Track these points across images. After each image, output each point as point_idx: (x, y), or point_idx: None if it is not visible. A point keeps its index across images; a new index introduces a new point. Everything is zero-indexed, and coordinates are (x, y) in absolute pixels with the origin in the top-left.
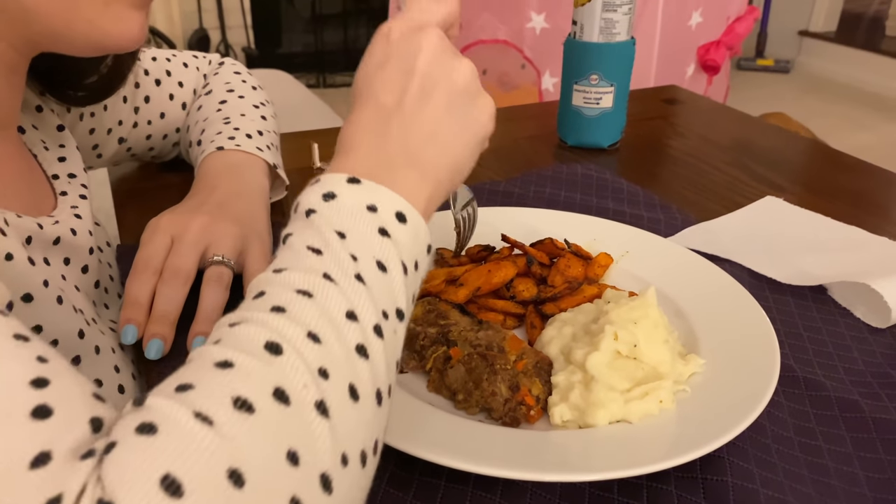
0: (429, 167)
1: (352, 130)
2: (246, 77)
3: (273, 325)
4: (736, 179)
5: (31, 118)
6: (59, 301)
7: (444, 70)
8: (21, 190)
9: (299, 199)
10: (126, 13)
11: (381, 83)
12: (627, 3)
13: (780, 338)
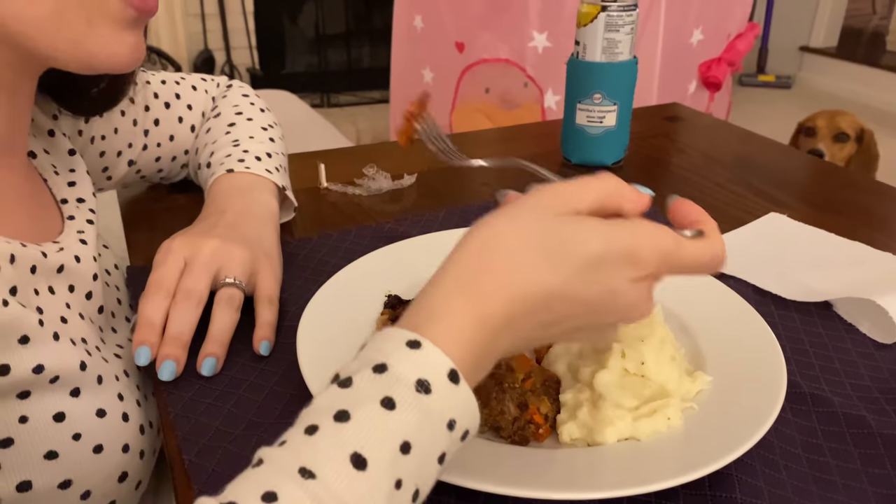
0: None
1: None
2: (254, 99)
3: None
4: (739, 196)
5: (42, 143)
6: (56, 338)
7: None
8: (28, 216)
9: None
10: (113, 35)
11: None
12: (629, 23)
13: (787, 354)
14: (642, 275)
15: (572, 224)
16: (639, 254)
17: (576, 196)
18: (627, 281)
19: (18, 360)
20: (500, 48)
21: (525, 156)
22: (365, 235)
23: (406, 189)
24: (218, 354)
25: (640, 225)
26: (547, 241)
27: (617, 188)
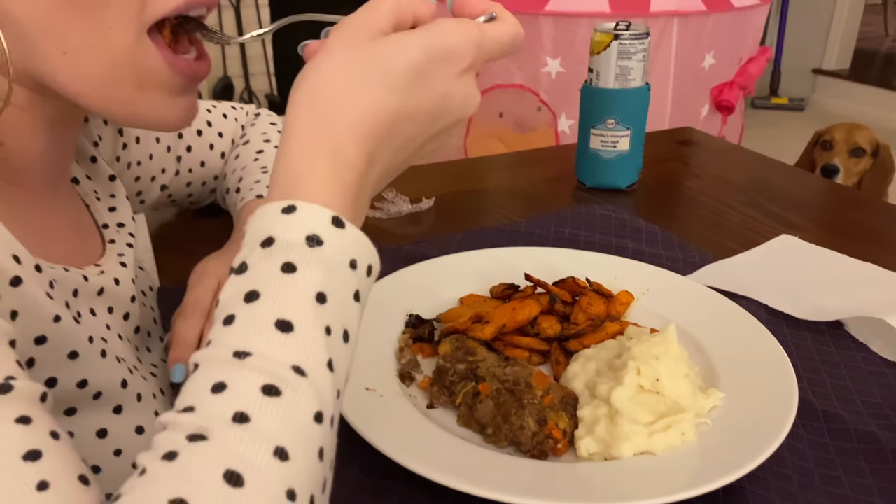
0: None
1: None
2: (281, 127)
3: (235, 450)
4: (751, 218)
5: (85, 168)
6: (103, 355)
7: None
8: (71, 240)
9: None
10: (162, 100)
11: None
12: (642, 50)
13: (799, 372)
14: (463, 67)
15: (385, 43)
16: (455, 49)
17: (372, 18)
18: (453, 78)
19: (65, 375)
20: (515, 74)
21: (540, 179)
22: (385, 257)
23: (424, 212)
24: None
25: (444, 23)
26: (370, 67)
27: (408, 3)
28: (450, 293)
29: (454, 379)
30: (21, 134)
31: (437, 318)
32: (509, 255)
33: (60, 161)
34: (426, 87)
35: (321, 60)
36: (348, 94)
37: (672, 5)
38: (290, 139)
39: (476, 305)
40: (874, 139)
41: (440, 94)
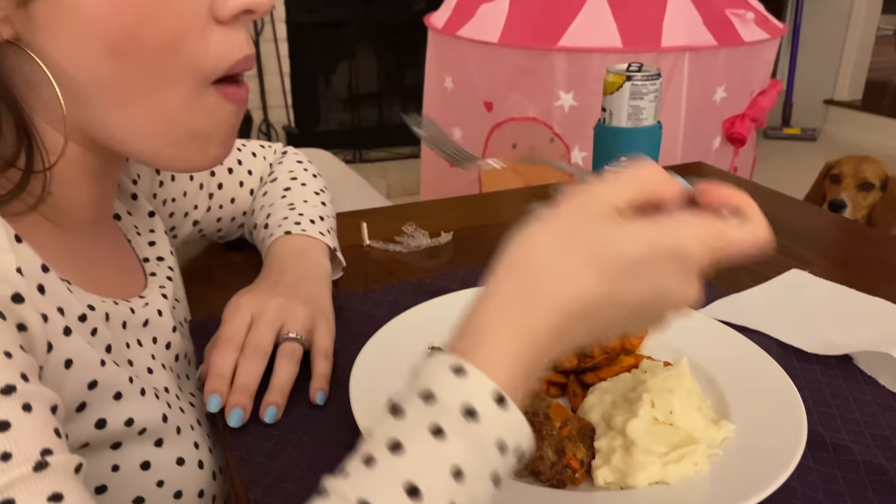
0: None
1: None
2: (307, 166)
3: None
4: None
5: (126, 205)
6: (143, 393)
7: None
8: (117, 274)
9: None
10: (212, 147)
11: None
12: (654, 91)
13: (808, 405)
14: (689, 269)
15: (613, 227)
16: (686, 249)
17: (612, 194)
18: (675, 276)
19: (113, 415)
20: (528, 107)
21: None
22: (407, 290)
23: (443, 246)
24: (279, 404)
25: (683, 221)
26: (589, 247)
27: (655, 181)
28: None
29: None
30: (69, 183)
31: None
32: None
33: (104, 202)
34: (642, 281)
35: (544, 226)
36: (559, 273)
37: (683, 40)
38: (488, 298)
39: None
40: (883, 172)
41: (655, 288)
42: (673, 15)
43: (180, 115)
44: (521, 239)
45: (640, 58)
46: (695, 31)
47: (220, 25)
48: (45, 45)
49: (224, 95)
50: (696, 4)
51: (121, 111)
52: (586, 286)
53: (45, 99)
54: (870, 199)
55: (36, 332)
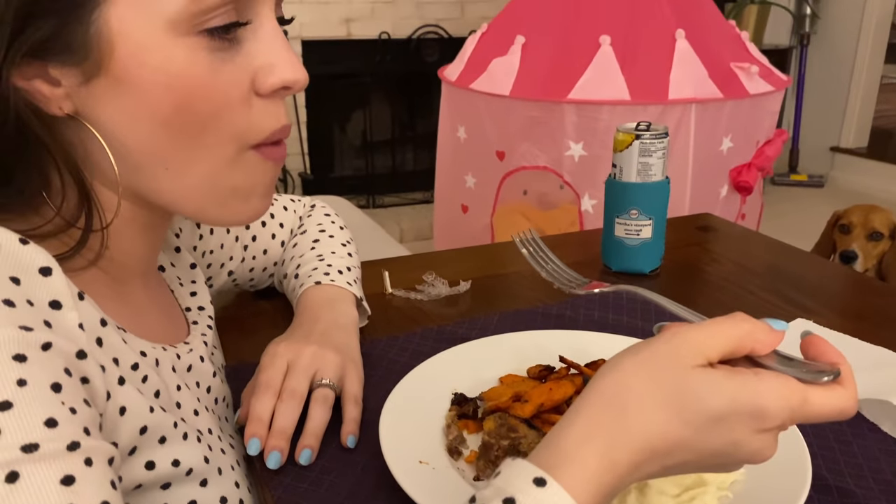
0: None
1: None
2: (335, 218)
3: None
4: (769, 302)
5: (170, 257)
6: (185, 437)
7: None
8: (165, 322)
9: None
10: (253, 201)
11: (664, 433)
12: (661, 148)
13: (814, 450)
14: (768, 427)
15: (701, 378)
16: (766, 410)
17: (707, 344)
18: (751, 433)
19: (160, 457)
20: (539, 156)
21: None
22: (429, 337)
23: (462, 294)
24: (314, 447)
25: (767, 381)
26: (677, 395)
27: (748, 333)
28: (490, 373)
29: (499, 454)
30: (124, 239)
31: (480, 397)
32: (543, 338)
33: (153, 254)
34: (721, 432)
35: (639, 365)
36: (646, 410)
37: (689, 93)
38: (578, 416)
39: (515, 385)
40: (891, 221)
41: (732, 441)
42: (679, 69)
43: (223, 175)
44: (616, 372)
45: (647, 110)
46: (701, 84)
47: (261, 98)
48: (102, 117)
49: (263, 155)
50: (702, 58)
51: (169, 175)
52: (669, 430)
53: (100, 164)
54: (879, 248)
55: (96, 383)
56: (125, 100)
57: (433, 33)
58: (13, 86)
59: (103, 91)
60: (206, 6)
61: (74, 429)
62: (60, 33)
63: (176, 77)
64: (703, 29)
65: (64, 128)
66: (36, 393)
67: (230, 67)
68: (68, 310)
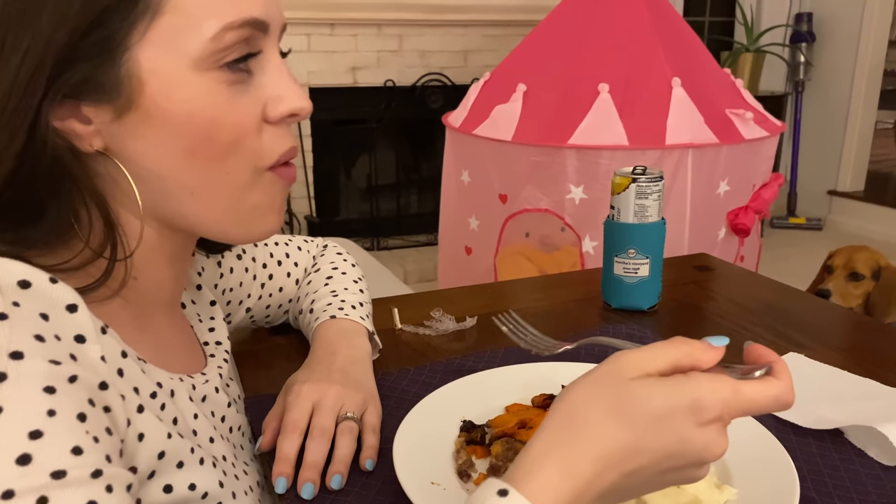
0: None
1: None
2: (346, 257)
3: None
4: (763, 338)
5: (192, 295)
6: (202, 462)
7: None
8: (183, 353)
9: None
10: (271, 217)
11: (610, 440)
12: (657, 191)
13: (803, 473)
14: (707, 419)
15: (640, 386)
16: (700, 401)
17: (646, 361)
18: (694, 427)
19: (178, 481)
20: (541, 199)
21: (569, 300)
22: (437, 370)
23: (469, 329)
24: (343, 473)
25: (698, 377)
26: (619, 403)
27: (686, 352)
28: (496, 402)
29: None
30: (150, 268)
31: (488, 424)
32: (547, 369)
33: (177, 286)
34: (665, 430)
35: (589, 384)
36: (595, 422)
37: (686, 138)
38: (539, 436)
39: (520, 413)
40: (875, 262)
41: (679, 438)
42: (676, 115)
43: (244, 196)
44: (568, 394)
45: (645, 155)
46: (697, 130)
47: (270, 125)
48: (132, 149)
49: (277, 174)
50: (698, 105)
51: (195, 200)
52: (618, 436)
53: (127, 196)
54: (861, 288)
55: (117, 412)
56: (155, 132)
57: (437, 81)
58: (51, 126)
59: (134, 126)
60: (225, 44)
61: (98, 457)
62: (94, 75)
63: (201, 109)
64: (699, 77)
65: (93, 163)
66: (64, 423)
67: (245, 99)
68: (91, 343)
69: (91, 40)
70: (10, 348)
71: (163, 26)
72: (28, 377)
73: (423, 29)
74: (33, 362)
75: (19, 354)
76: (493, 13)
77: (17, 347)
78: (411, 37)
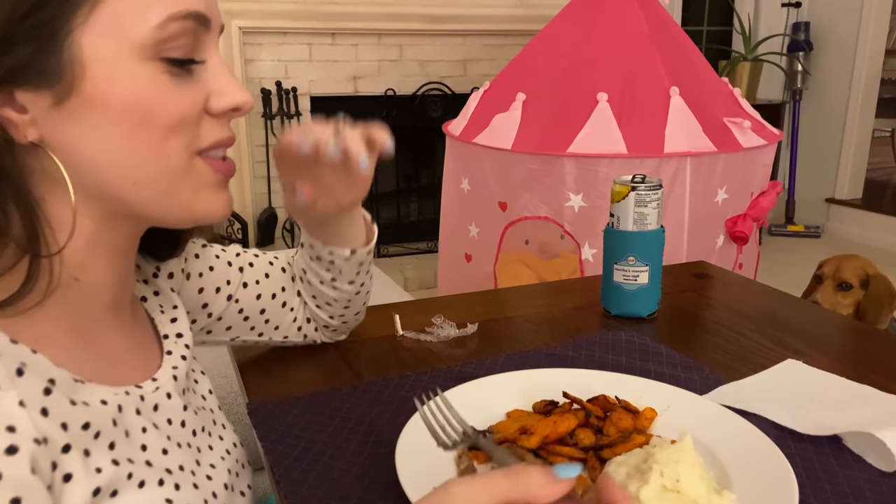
0: None
1: None
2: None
3: None
4: (760, 345)
5: (152, 287)
6: (141, 485)
7: None
8: (133, 358)
9: None
10: (214, 195)
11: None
12: (656, 199)
13: (802, 479)
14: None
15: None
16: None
17: (475, 496)
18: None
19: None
20: (540, 207)
21: (570, 308)
22: (438, 376)
23: (469, 336)
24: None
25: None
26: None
27: (519, 487)
28: (498, 408)
29: None
30: (91, 266)
31: (489, 430)
32: (548, 376)
33: (124, 285)
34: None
35: None
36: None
37: (684, 147)
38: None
39: (521, 419)
40: (863, 271)
41: None
42: (674, 123)
43: (180, 180)
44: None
45: (644, 163)
46: (695, 138)
47: (211, 117)
48: (69, 137)
49: (211, 166)
50: (696, 114)
51: (135, 186)
52: None
53: (61, 187)
54: (850, 298)
55: (41, 461)
56: (96, 118)
57: (437, 90)
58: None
59: (74, 111)
60: (168, 34)
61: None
62: (35, 59)
63: (142, 93)
64: (697, 86)
65: (24, 155)
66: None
67: (185, 91)
68: (6, 391)
69: (31, 22)
70: None
71: (106, 11)
72: None
73: (422, 39)
74: None
75: None
76: (492, 23)
77: None
78: (411, 46)
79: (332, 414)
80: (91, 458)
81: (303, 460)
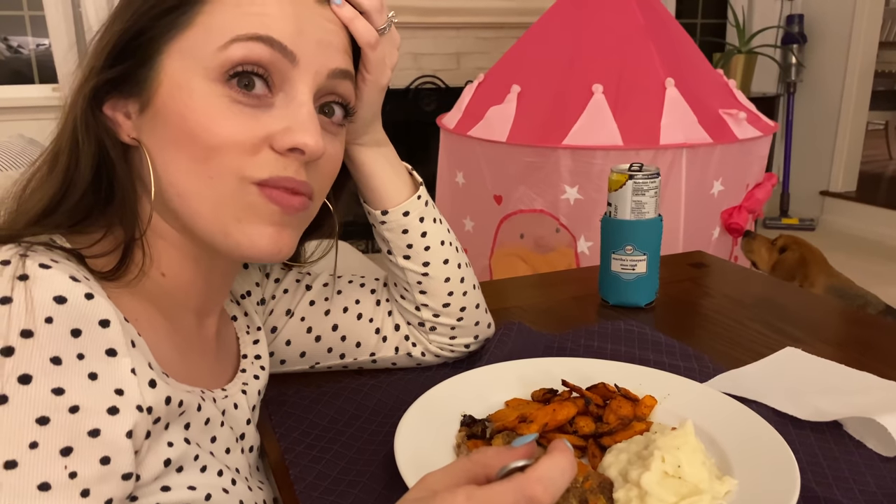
0: None
1: None
2: None
3: None
4: (759, 333)
5: (244, 308)
6: (203, 470)
7: None
8: (210, 366)
9: None
10: (260, 228)
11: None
12: (653, 187)
13: (803, 465)
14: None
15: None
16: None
17: (439, 481)
18: None
19: (176, 483)
20: (536, 200)
21: (567, 298)
22: (438, 366)
23: None
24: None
25: (440, 492)
26: None
27: (478, 462)
28: (497, 397)
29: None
30: (176, 267)
31: (488, 418)
32: (547, 365)
33: (209, 296)
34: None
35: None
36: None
37: (680, 138)
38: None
39: (521, 407)
40: (793, 241)
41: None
42: (670, 115)
43: (226, 205)
44: None
45: (639, 155)
46: (691, 130)
47: (273, 152)
48: (147, 142)
49: (266, 196)
50: (692, 105)
51: (181, 200)
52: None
53: (144, 185)
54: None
55: (138, 428)
56: (160, 128)
57: (430, 83)
58: (103, 113)
59: (150, 119)
60: (231, 56)
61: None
62: (135, 72)
63: (195, 110)
64: (692, 78)
65: (127, 152)
66: (41, 456)
67: (243, 117)
68: (122, 356)
69: (141, 40)
70: (19, 371)
71: (192, 33)
72: (24, 405)
73: (415, 32)
74: (36, 389)
75: (27, 378)
76: (485, 16)
77: (27, 370)
78: (404, 39)
79: (343, 406)
80: (168, 431)
81: (314, 447)
